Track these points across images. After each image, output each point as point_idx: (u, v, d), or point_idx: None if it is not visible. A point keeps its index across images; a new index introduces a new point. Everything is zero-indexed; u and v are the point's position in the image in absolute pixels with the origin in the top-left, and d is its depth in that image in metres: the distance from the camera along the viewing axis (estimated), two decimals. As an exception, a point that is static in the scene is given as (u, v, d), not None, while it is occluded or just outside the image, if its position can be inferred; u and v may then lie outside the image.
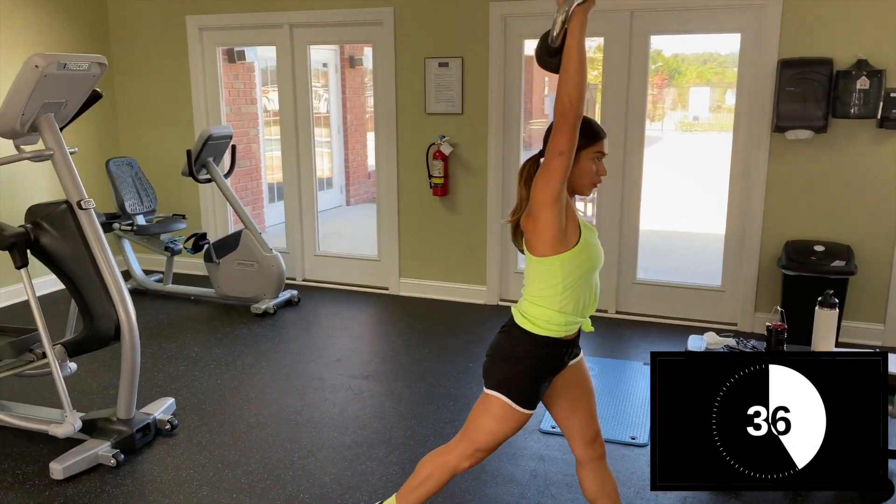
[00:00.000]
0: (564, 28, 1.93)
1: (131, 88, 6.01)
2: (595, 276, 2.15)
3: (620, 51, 4.69)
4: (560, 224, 2.02)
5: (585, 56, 1.92)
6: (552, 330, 2.10)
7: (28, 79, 2.78)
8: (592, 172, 2.10)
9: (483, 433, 2.19)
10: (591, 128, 2.08)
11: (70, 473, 2.95)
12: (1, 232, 2.96)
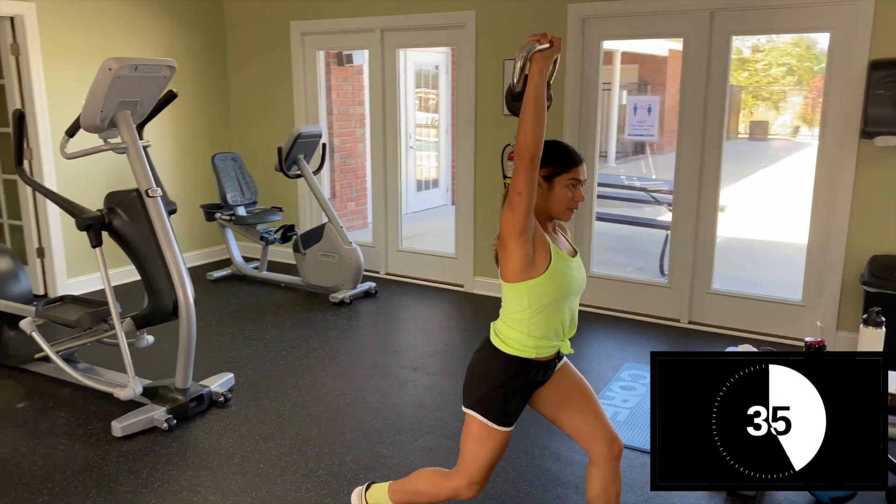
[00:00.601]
0: (525, 74, 1.99)
1: (242, 89, 6.51)
2: (567, 302, 2.16)
3: (699, 53, 4.54)
4: (526, 254, 2.05)
5: (543, 101, 1.97)
6: (522, 350, 2.14)
7: (103, 80, 3.15)
8: (568, 198, 2.12)
9: (469, 459, 2.23)
10: (566, 155, 2.12)
11: (127, 432, 3.31)
12: (80, 214, 3.37)
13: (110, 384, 3.54)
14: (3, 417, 3.53)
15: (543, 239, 2.08)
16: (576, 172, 2.11)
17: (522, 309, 2.11)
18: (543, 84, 1.97)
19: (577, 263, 2.19)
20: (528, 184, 1.97)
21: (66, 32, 5.28)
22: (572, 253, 2.21)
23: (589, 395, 2.29)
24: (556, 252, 2.10)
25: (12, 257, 4.17)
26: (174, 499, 2.84)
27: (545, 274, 2.07)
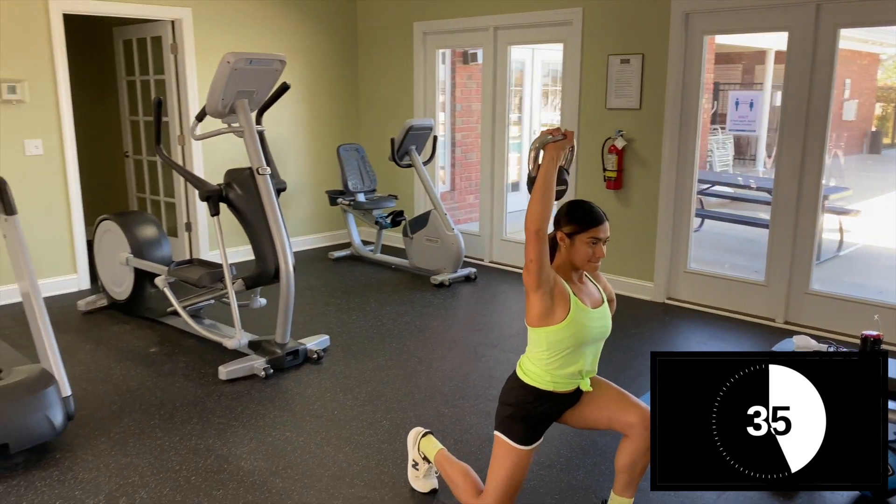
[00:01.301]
0: (538, 163, 2.27)
1: (370, 85, 7.03)
2: (587, 348, 2.36)
3: (804, 47, 4.44)
4: (544, 305, 2.29)
5: (551, 185, 2.22)
6: (541, 383, 2.38)
7: (223, 71, 3.68)
8: (589, 254, 2.33)
9: (493, 479, 2.43)
10: (587, 215, 2.34)
11: (230, 377, 3.82)
12: (203, 186, 3.92)
13: (221, 335, 4.08)
14: (137, 358, 4.17)
15: (563, 292, 2.31)
16: (595, 232, 2.31)
17: (541, 350, 2.35)
18: (553, 171, 2.23)
19: (600, 313, 2.39)
20: (537, 252, 2.22)
21: (217, 33, 6.00)
22: (598, 303, 2.40)
23: (607, 386, 2.49)
24: (575, 304, 2.31)
25: (157, 226, 4.87)
26: (257, 432, 3.28)
27: (563, 323, 2.30)
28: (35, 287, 3.19)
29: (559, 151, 2.26)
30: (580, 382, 2.41)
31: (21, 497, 2.75)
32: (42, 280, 5.24)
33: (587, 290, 2.41)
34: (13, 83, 5.00)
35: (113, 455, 3.07)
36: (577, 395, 2.45)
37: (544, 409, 2.41)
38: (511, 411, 2.41)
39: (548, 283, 2.27)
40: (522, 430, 2.40)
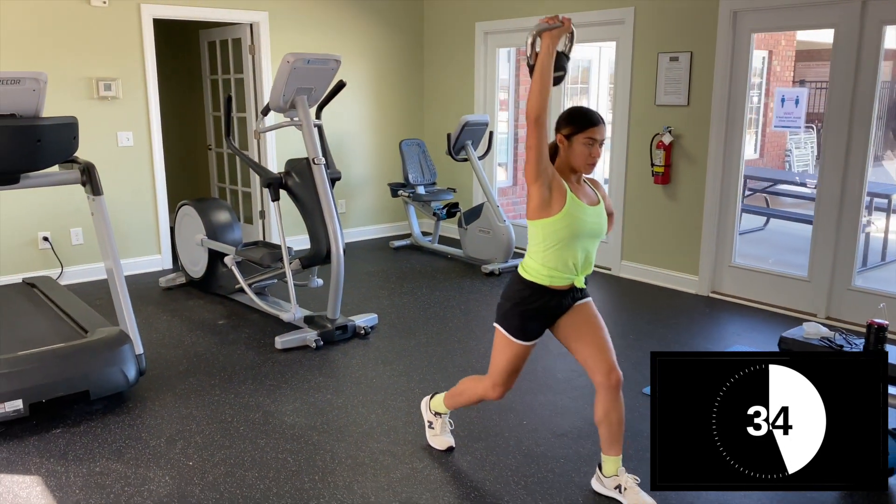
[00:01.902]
0: (536, 51, 2.41)
1: (434, 83, 7.37)
2: (580, 242, 2.54)
3: (849, 44, 4.47)
4: (542, 197, 2.48)
5: (548, 73, 2.37)
6: (537, 277, 2.58)
7: (283, 70, 4.07)
8: (586, 154, 2.51)
9: (493, 365, 2.74)
10: (582, 117, 2.52)
11: (285, 346, 4.22)
12: (265, 174, 4.33)
13: (279, 309, 4.49)
14: (207, 328, 4.63)
15: (561, 186, 2.49)
16: (592, 132, 2.48)
17: (538, 242, 2.56)
18: (549, 59, 2.39)
19: (595, 211, 2.56)
20: (535, 140, 2.39)
21: (292, 34, 6.46)
22: (594, 202, 2.59)
23: (597, 331, 2.66)
24: (571, 198, 2.49)
25: (230, 212, 5.34)
26: (302, 393, 3.65)
27: (559, 215, 2.48)
28: (116, 260, 3.66)
29: (555, 39, 2.37)
30: (574, 279, 2.58)
31: (97, 436, 3.21)
32: (130, 259, 5.85)
33: (584, 191, 2.58)
34: (108, 81, 5.59)
35: (176, 407, 3.51)
36: (571, 296, 2.62)
37: (540, 304, 2.58)
38: (509, 305, 2.63)
39: (546, 176, 2.44)
40: (518, 325, 2.61)
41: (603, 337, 2.67)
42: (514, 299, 2.63)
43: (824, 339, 3.13)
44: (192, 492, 2.77)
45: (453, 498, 2.75)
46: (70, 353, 3.37)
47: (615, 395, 2.63)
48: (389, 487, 2.81)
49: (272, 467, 2.95)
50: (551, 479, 2.89)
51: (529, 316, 2.61)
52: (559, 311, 2.65)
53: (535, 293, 2.59)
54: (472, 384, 2.89)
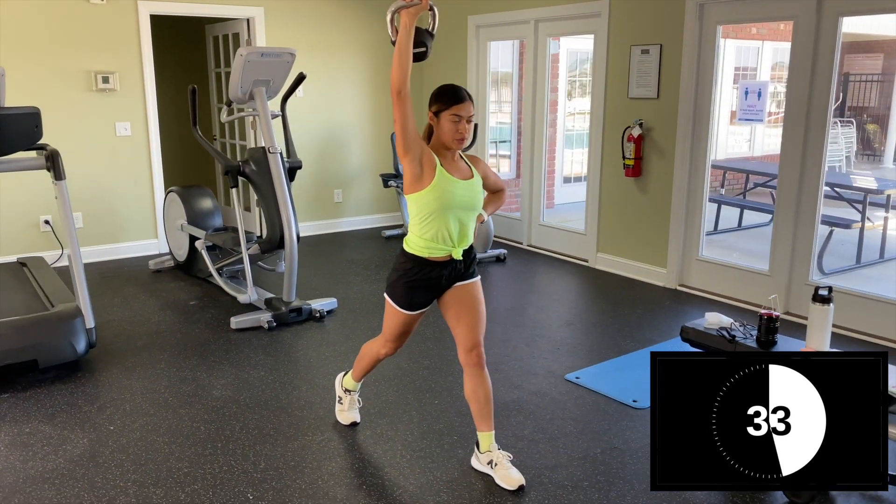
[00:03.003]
0: (395, 27, 2.54)
1: (432, 77, 7.50)
2: (453, 214, 2.65)
3: (806, 35, 4.42)
4: (414, 171, 2.62)
5: (407, 49, 2.50)
6: (417, 250, 2.72)
7: (238, 63, 4.29)
8: (453, 130, 2.63)
9: (385, 327, 2.93)
10: (448, 94, 2.64)
11: (238, 326, 4.45)
12: (225, 161, 4.56)
13: (237, 290, 4.72)
14: (177, 308, 4.91)
15: (431, 161, 2.61)
16: (457, 109, 2.60)
17: (414, 215, 2.70)
18: (407, 36, 2.51)
19: (467, 185, 2.67)
20: (399, 114, 2.53)
21: (287, 30, 6.69)
22: (466, 177, 2.69)
23: (471, 311, 2.78)
24: (440, 172, 2.61)
25: (212, 198, 5.61)
26: (238, 370, 3.87)
27: (429, 187, 2.61)
28: (74, 242, 3.94)
29: (412, 16, 2.48)
30: (452, 250, 2.69)
31: (38, 401, 3.49)
32: (127, 243, 6.20)
33: (457, 166, 2.69)
34: (106, 74, 5.92)
35: (119, 378, 3.77)
36: (453, 264, 2.72)
37: (421, 275, 2.71)
38: (395, 277, 2.78)
39: (415, 150, 2.57)
40: (402, 294, 2.76)
41: (475, 317, 2.78)
42: (399, 271, 2.77)
43: (722, 329, 3.17)
44: (102, 452, 3.01)
45: (335, 467, 2.91)
46: (21, 325, 3.66)
47: (478, 372, 2.75)
48: (282, 456, 2.99)
49: (183, 434, 3.17)
50: (437, 453, 3.02)
51: (412, 286, 2.75)
52: (440, 283, 2.76)
53: (416, 265, 2.73)
54: (368, 345, 3.07)
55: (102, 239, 6.17)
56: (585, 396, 3.57)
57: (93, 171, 6.01)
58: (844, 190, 6.80)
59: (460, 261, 2.75)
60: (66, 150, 5.81)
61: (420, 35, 2.60)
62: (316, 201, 7.22)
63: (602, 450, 3.06)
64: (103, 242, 6.17)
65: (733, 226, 7.51)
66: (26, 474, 2.85)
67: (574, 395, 3.58)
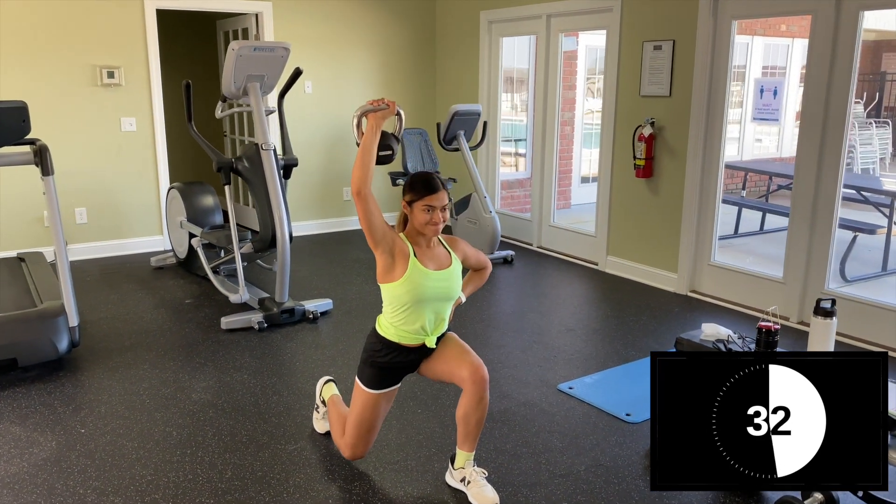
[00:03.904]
0: (361, 130, 2.50)
1: (445, 72, 7.36)
2: (429, 306, 2.56)
3: (825, 30, 4.19)
4: (385, 263, 2.53)
5: (370, 151, 2.44)
6: (388, 334, 2.62)
7: (230, 58, 4.18)
8: (427, 220, 2.52)
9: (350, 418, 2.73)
10: (420, 184, 2.54)
11: (229, 327, 4.35)
12: (218, 158, 4.47)
13: (230, 290, 4.63)
14: (171, 307, 4.83)
15: (404, 252, 2.53)
16: (430, 200, 2.50)
17: (386, 305, 2.61)
18: (372, 138, 2.46)
19: (442, 276, 2.56)
20: (362, 211, 2.45)
21: (296, 25, 6.60)
22: (443, 266, 2.58)
23: (457, 346, 2.67)
24: (413, 264, 2.52)
25: (213, 196, 5.54)
26: (221, 373, 3.77)
27: (400, 280, 2.52)
28: (59, 238, 3.87)
29: (379, 121, 2.48)
30: (425, 339, 2.61)
31: (15, 401, 3.43)
32: (132, 239, 6.17)
33: (434, 255, 2.60)
34: (112, 69, 5.88)
35: (100, 378, 3.69)
36: (425, 350, 2.66)
37: (391, 357, 2.63)
38: (364, 357, 2.68)
39: (385, 243, 2.50)
40: (371, 375, 2.65)
41: (461, 347, 2.67)
42: (368, 351, 2.68)
43: (718, 342, 2.98)
44: (68, 457, 2.93)
45: (302, 479, 2.79)
46: (2, 322, 3.60)
47: (481, 392, 2.58)
48: (250, 466, 2.87)
49: (153, 439, 3.08)
50: (412, 466, 2.88)
51: (380, 367, 2.65)
52: (411, 366, 2.69)
53: (386, 348, 2.64)
54: (338, 429, 2.86)
55: (107, 235, 6.14)
56: (577, 409, 3.40)
57: (97, 167, 5.98)
58: (871, 194, 6.49)
59: (432, 348, 2.65)
60: (71, 145, 5.81)
61: (386, 139, 2.59)
62: (324, 199, 7.13)
63: (586, 467, 2.89)
64: (107, 238, 6.14)
65: (755, 229, 7.24)
66: (-13, 478, 2.77)
67: (565, 407, 3.41)
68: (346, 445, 2.77)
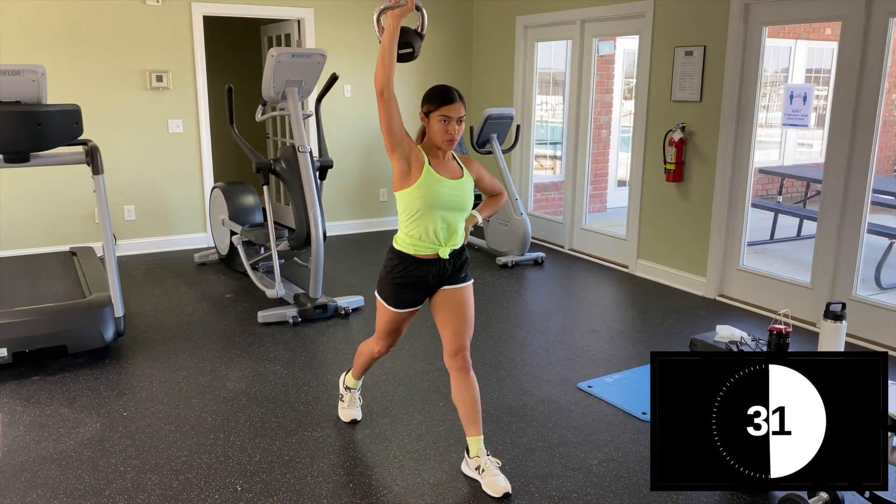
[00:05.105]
0: (381, 27, 2.56)
1: (481, 76, 7.49)
2: (439, 213, 2.64)
3: (854, 37, 4.20)
4: (401, 168, 2.63)
5: (391, 50, 2.51)
6: (404, 247, 2.73)
7: (270, 63, 4.38)
8: (443, 131, 2.62)
9: (377, 324, 2.94)
10: (437, 95, 2.64)
11: (265, 320, 4.55)
12: (257, 159, 4.67)
13: (267, 285, 4.83)
14: (212, 301, 5.06)
15: (419, 160, 2.62)
16: (447, 110, 2.59)
17: (401, 212, 2.71)
18: (392, 37, 2.53)
19: (454, 185, 2.66)
20: (384, 114, 2.55)
21: (336, 30, 6.80)
22: (455, 177, 2.68)
23: (457, 314, 2.76)
24: (427, 170, 2.62)
25: (254, 195, 5.76)
26: (256, 364, 3.96)
27: (414, 185, 2.62)
28: (108, 233, 4.11)
29: (397, 18, 2.51)
30: (439, 248, 2.69)
31: (64, 385, 3.67)
32: (177, 235, 6.44)
33: (447, 166, 2.68)
34: (160, 73, 6.16)
35: (143, 366, 3.92)
36: (440, 263, 2.72)
37: (407, 271, 2.72)
38: (383, 274, 2.80)
39: (402, 148, 2.59)
40: (390, 292, 2.78)
41: (461, 321, 2.76)
42: (387, 268, 2.80)
43: (731, 343, 3.05)
44: (110, 437, 3.14)
45: (326, 464, 2.94)
46: (54, 311, 3.85)
47: (463, 376, 2.74)
48: (278, 450, 3.04)
49: (189, 423, 3.27)
50: (430, 455, 3.01)
51: (399, 284, 2.76)
52: (427, 281, 2.75)
53: (402, 262, 2.73)
54: (364, 344, 3.09)
55: (153, 231, 6.42)
56: (594, 406, 3.49)
57: (146, 166, 6.26)
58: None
59: (447, 260, 2.74)
60: (121, 145, 6.10)
61: (407, 35, 2.62)
62: (361, 200, 7.32)
63: (599, 461, 2.99)
64: (154, 235, 6.42)
65: (791, 234, 7.18)
66: (37, 454, 2.99)
67: (582, 405, 3.51)
68: (376, 340, 2.96)
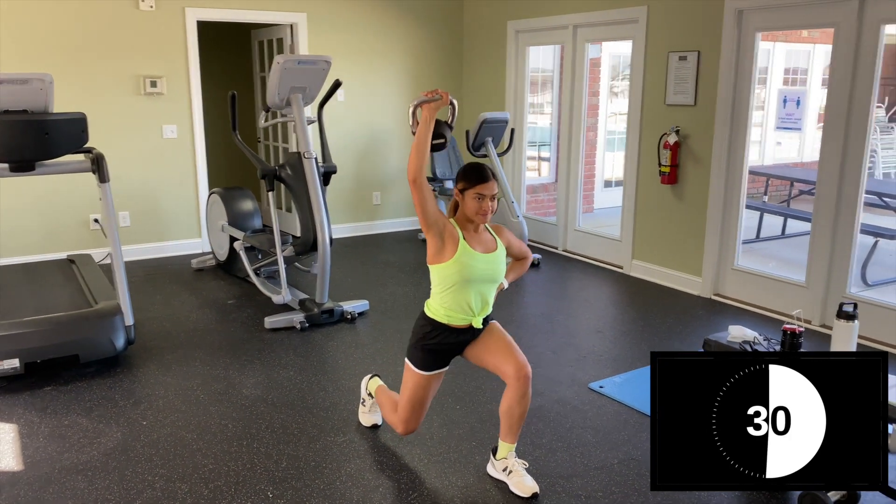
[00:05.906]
0: (416, 120, 2.65)
1: (472, 80, 7.55)
2: (474, 287, 2.72)
3: (847, 42, 4.33)
4: (436, 245, 2.71)
5: (424, 141, 2.59)
6: (437, 315, 2.80)
7: (275, 70, 4.40)
8: (477, 207, 2.69)
9: (400, 397, 2.94)
10: (473, 173, 2.70)
11: (272, 326, 4.57)
12: (262, 166, 4.68)
13: (272, 291, 4.84)
14: (215, 307, 5.06)
15: (454, 235, 2.70)
16: (481, 188, 2.67)
17: (436, 284, 2.78)
18: (427, 129, 2.61)
19: (489, 258, 2.73)
20: (418, 198, 2.62)
21: (329, 35, 6.82)
22: (489, 250, 2.75)
23: (503, 339, 2.84)
24: (463, 246, 2.69)
25: (252, 200, 5.76)
26: (269, 370, 3.98)
27: (450, 261, 2.69)
28: (115, 242, 4.10)
29: (432, 111, 2.61)
30: (472, 319, 2.78)
31: (78, 395, 3.66)
32: (172, 241, 6.41)
33: (480, 239, 2.76)
34: (154, 78, 6.13)
35: (156, 374, 3.92)
36: (472, 331, 2.81)
37: (440, 339, 2.79)
38: (414, 340, 2.86)
39: (437, 227, 2.67)
40: (421, 357, 2.83)
41: (508, 343, 2.83)
42: (418, 335, 2.85)
43: (745, 343, 3.14)
44: (134, 446, 3.15)
45: (353, 469, 2.98)
46: (64, 321, 3.84)
47: (524, 389, 2.77)
48: (303, 456, 3.07)
49: (211, 431, 3.29)
50: (455, 458, 3.07)
51: (430, 350, 2.82)
52: (459, 347, 2.85)
53: (435, 329, 2.80)
54: (390, 406, 3.07)
55: (148, 237, 6.38)
56: (607, 406, 3.58)
57: (140, 172, 6.23)
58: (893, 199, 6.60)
59: (479, 329, 2.81)
60: (115, 151, 6.05)
61: (440, 127, 2.73)
62: (355, 203, 7.34)
63: (619, 460, 3.06)
64: (149, 241, 6.39)
65: (777, 233, 7.36)
66: (62, 465, 2.99)
67: (596, 405, 3.59)
68: (400, 421, 2.95)
